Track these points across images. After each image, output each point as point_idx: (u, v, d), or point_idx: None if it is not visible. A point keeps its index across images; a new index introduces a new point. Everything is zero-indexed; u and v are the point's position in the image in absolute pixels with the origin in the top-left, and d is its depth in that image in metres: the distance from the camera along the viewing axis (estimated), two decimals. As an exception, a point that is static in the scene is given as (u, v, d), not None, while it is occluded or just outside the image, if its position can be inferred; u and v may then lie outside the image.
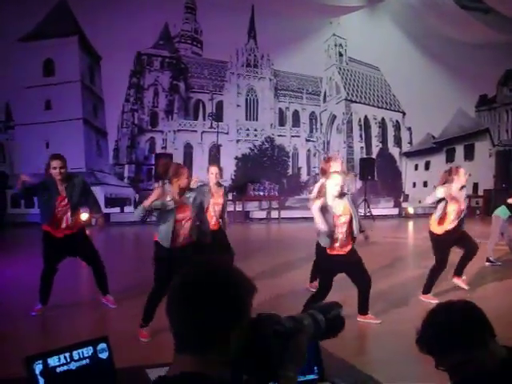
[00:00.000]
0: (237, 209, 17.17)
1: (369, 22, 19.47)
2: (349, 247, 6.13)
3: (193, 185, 6.59)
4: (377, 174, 18.98)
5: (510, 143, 22.73)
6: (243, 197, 17.13)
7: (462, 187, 7.26)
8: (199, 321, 1.44)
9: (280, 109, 18.58)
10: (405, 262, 10.99)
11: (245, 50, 18.05)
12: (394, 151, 20.44)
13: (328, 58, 19.36)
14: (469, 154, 21.67)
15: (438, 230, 7.27)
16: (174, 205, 5.55)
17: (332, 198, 5.94)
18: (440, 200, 7.19)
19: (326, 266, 6.27)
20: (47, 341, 5.64)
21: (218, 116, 17.49)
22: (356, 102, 19.75)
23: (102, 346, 2.49)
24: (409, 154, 20.48)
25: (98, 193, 15.83)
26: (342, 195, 6.02)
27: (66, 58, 15.77)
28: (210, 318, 1.43)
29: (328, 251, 6.05)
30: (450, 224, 7.21)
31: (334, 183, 5.92)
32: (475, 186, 21.08)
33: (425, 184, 20.00)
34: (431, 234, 7.39)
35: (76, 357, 2.36)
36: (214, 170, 7.52)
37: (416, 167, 20.41)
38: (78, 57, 15.98)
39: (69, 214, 6.44)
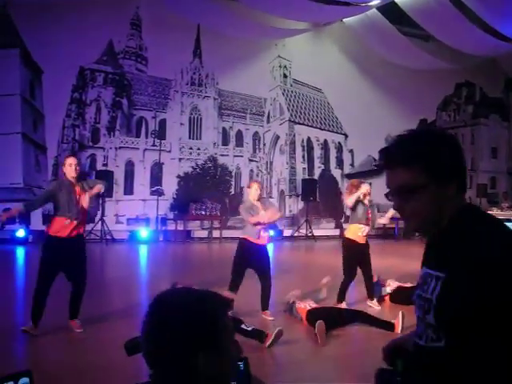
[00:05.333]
0: (178, 228, 17.07)
1: (313, 45, 19.74)
2: None
3: None
4: (318, 195, 19.14)
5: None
6: (185, 216, 17.03)
7: None
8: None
9: (223, 128, 18.58)
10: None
11: (190, 68, 18.01)
12: (336, 173, 20.65)
13: (272, 79, 19.49)
14: (408, 177, 22.05)
15: None
16: None
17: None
18: None
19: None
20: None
21: (160, 134, 17.35)
22: (299, 123, 19.92)
23: (24, 380, 2.38)
24: (350, 176, 20.70)
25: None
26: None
27: (6, 71, 15.42)
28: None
29: None
30: None
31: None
32: (414, 209, 21.48)
33: (365, 206, 20.31)
34: None
35: (-4, 393, 2.26)
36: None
37: (357, 189, 20.60)
38: (18, 70, 15.65)
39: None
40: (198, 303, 1.53)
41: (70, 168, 6.50)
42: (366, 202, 8.09)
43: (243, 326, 6.01)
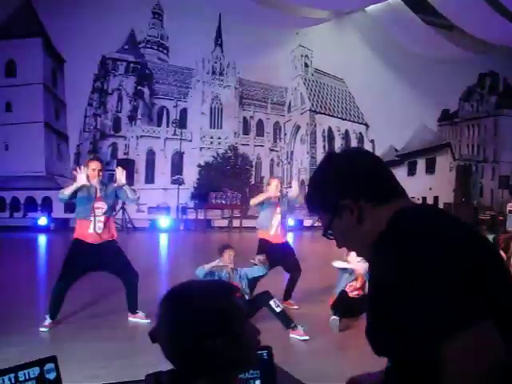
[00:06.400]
0: (198, 217, 17.12)
1: (335, 34, 19.62)
2: None
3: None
4: (339, 185, 19.02)
5: (471, 158, 23.09)
6: (205, 205, 17.06)
7: None
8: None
9: (244, 117, 18.57)
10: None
11: (211, 57, 18.00)
12: (357, 163, 20.53)
13: (294, 68, 19.43)
14: (430, 168, 21.93)
15: None
16: None
17: None
18: None
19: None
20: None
21: (181, 123, 17.39)
22: (320, 113, 19.84)
23: (50, 366, 2.40)
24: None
25: (58, 197, 15.68)
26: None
27: (29, 60, 15.55)
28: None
29: None
30: None
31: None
32: (435, 200, 21.34)
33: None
34: None
35: (22, 378, 2.27)
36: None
37: (378, 179, 20.50)
38: (41, 59, 15.76)
39: (102, 218, 6.32)
40: (205, 294, 1.55)
41: (92, 173, 6.28)
42: None
43: (272, 303, 6.00)
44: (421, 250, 1.36)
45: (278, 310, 6.02)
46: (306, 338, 5.99)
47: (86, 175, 6.21)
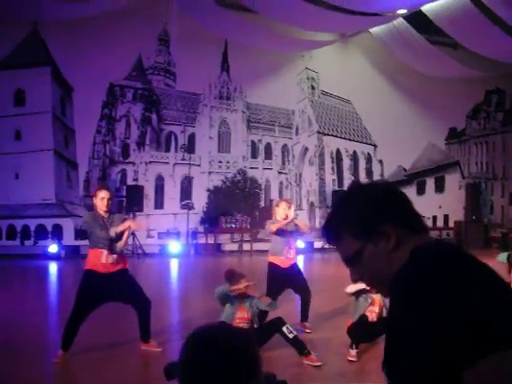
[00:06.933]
0: (208, 241, 17.11)
1: (341, 56, 19.72)
2: None
3: None
4: (348, 207, 18.97)
5: (480, 175, 23.00)
6: (215, 229, 17.06)
7: None
8: None
9: (252, 141, 18.62)
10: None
11: (218, 82, 18.12)
12: (366, 183, 20.49)
13: (300, 91, 19.50)
14: (439, 186, 21.85)
15: None
16: None
17: None
18: None
19: None
20: None
21: (190, 148, 17.46)
22: (328, 134, 19.87)
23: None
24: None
25: (68, 225, 15.75)
26: None
27: (38, 89, 15.73)
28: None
29: None
30: None
31: None
32: (446, 218, 21.23)
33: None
34: None
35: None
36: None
37: (387, 199, 20.41)
38: (49, 87, 15.93)
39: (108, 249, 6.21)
40: (230, 340, 1.56)
41: (101, 202, 6.18)
42: None
43: (285, 330, 5.93)
44: (442, 279, 1.37)
45: (290, 336, 5.95)
46: (319, 363, 5.94)
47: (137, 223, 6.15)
